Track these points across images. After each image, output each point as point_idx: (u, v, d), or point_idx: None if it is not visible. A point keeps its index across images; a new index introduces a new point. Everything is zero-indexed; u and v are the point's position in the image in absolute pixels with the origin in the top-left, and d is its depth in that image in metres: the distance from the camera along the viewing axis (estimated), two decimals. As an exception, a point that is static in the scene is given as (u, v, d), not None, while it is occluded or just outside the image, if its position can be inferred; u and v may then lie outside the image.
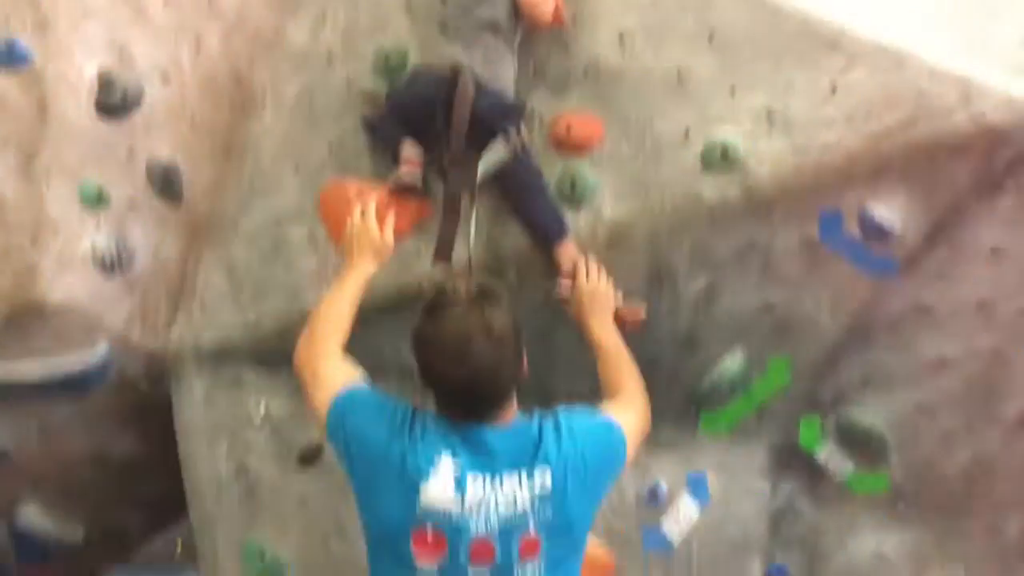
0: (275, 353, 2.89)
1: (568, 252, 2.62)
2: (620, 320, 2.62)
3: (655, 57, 2.64)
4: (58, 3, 2.55)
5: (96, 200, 2.64)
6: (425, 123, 2.64)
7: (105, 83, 2.64)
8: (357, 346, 2.31)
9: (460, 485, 1.97)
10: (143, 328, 2.85)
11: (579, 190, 2.66)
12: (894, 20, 2.57)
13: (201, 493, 3.01)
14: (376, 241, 2.44)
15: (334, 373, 2.17)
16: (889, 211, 2.50)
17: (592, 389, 2.45)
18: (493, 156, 2.58)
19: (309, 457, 2.87)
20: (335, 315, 2.29)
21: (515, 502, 1.99)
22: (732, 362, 2.71)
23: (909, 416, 2.77)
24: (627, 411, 2.28)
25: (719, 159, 2.54)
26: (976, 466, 2.79)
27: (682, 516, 2.82)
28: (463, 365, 1.95)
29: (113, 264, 2.68)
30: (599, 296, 2.56)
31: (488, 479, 1.99)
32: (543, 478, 2.00)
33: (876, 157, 2.45)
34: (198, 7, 2.85)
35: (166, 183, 2.81)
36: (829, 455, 2.84)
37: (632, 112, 2.65)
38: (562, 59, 2.74)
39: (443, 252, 2.58)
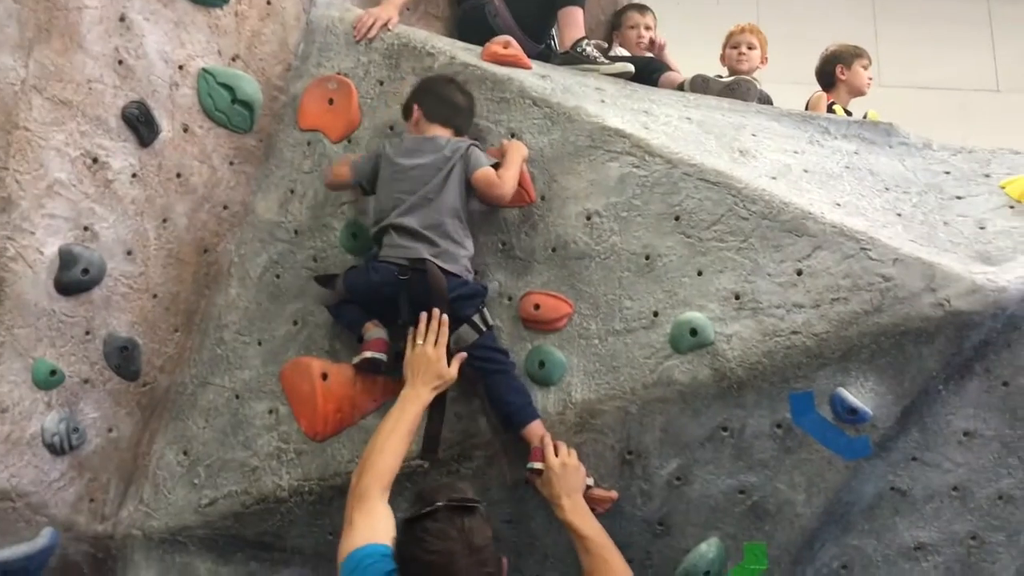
0: (230, 538, 2.76)
1: (536, 432, 2.57)
2: (591, 502, 2.55)
3: (622, 238, 2.66)
4: (23, 181, 2.50)
5: (49, 380, 2.55)
6: (387, 309, 2.63)
7: (67, 259, 2.58)
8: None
9: None
10: (90, 511, 2.71)
11: (547, 369, 2.63)
12: (855, 209, 2.63)
13: None
14: (444, 373, 2.49)
15: (362, 527, 2.20)
16: (860, 393, 2.48)
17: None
18: (459, 343, 2.56)
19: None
20: (390, 449, 2.35)
21: None
22: (707, 548, 2.61)
23: (889, 603, 2.68)
24: None
25: (688, 341, 2.53)
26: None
27: None
28: None
29: (63, 446, 2.57)
30: (569, 473, 2.50)
31: None
32: None
33: (844, 341, 2.45)
34: (167, 182, 2.80)
35: (123, 359, 2.72)
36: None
37: (600, 291, 2.65)
38: (530, 237, 2.75)
39: (431, 446, 2.56)
